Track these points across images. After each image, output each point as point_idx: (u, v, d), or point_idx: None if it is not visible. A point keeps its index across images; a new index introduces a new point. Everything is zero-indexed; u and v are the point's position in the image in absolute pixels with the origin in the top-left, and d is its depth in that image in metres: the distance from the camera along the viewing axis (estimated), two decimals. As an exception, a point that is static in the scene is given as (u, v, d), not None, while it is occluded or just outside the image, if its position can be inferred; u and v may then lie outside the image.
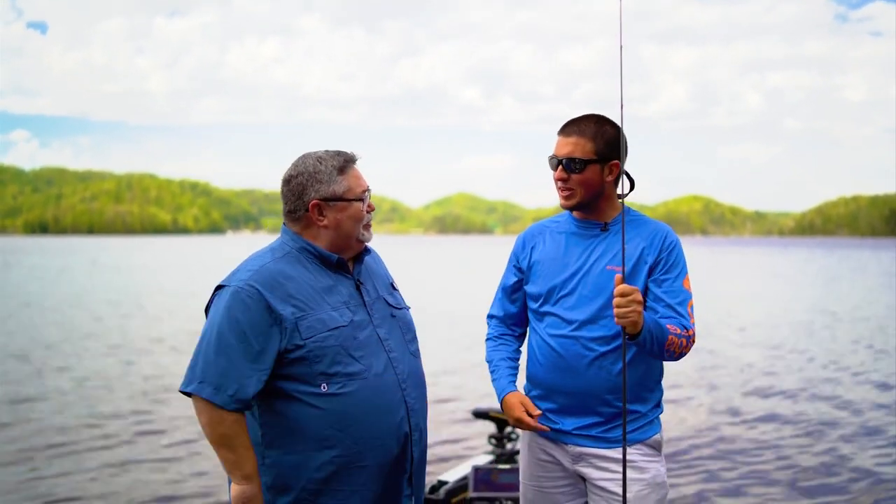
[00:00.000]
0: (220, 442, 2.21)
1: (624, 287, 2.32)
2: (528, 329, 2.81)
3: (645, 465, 2.58)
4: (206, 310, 2.34)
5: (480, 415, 5.11)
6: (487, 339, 2.86)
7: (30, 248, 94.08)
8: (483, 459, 5.01)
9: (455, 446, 6.96)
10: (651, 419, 2.64)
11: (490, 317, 2.88)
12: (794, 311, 21.57)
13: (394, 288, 2.56)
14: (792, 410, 9.16)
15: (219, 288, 2.30)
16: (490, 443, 5.10)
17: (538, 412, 2.58)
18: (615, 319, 2.35)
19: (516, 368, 2.76)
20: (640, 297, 2.33)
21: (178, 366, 11.38)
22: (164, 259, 59.25)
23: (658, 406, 2.68)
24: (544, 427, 2.57)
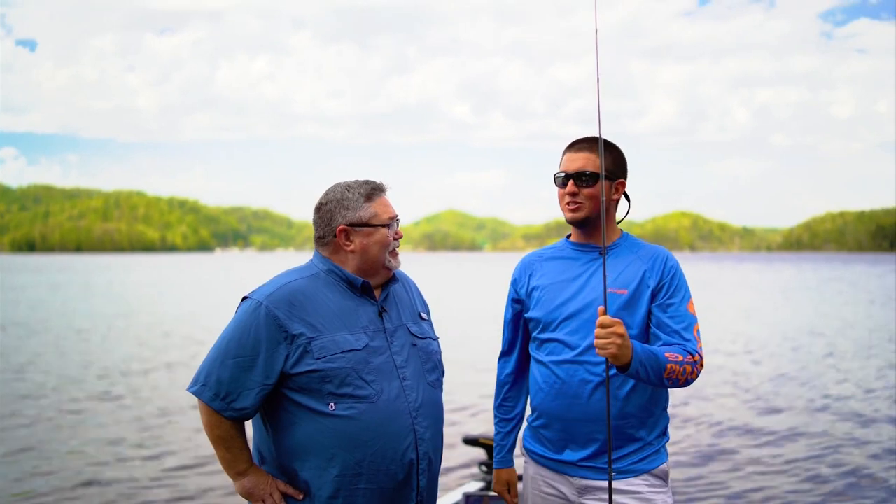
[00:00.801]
0: (217, 442, 2.34)
1: (604, 318, 2.28)
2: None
3: (652, 497, 2.52)
4: None
5: (471, 441, 5.04)
6: (497, 384, 2.86)
7: (17, 266, 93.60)
8: (474, 486, 4.95)
9: (445, 473, 6.86)
10: (657, 448, 2.58)
11: (500, 355, 2.86)
12: (794, 327, 21.53)
13: (422, 318, 2.59)
14: (803, 433, 8.99)
15: (244, 299, 2.38)
16: (481, 470, 5.03)
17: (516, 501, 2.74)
18: (596, 351, 2.31)
19: (517, 434, 2.82)
20: (621, 329, 2.27)
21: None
22: (172, 278, 58.96)
23: (664, 434, 2.62)
24: None
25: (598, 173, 2.55)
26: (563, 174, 2.60)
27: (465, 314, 24.49)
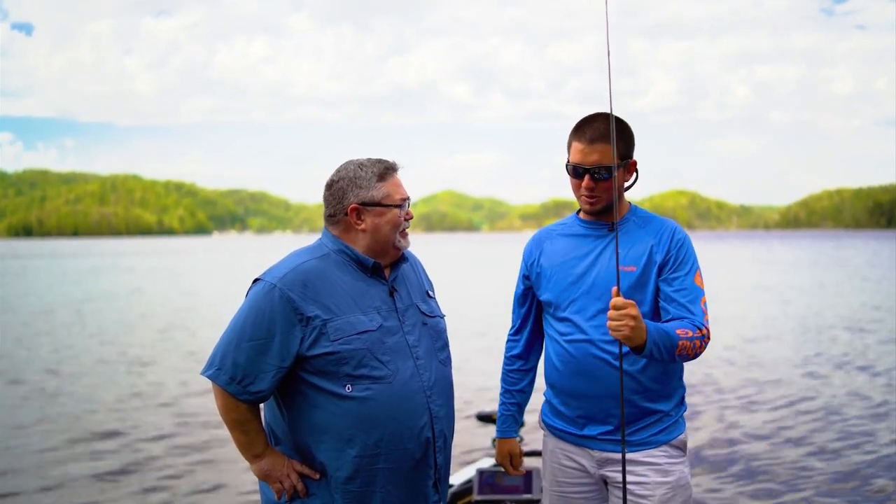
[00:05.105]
0: (233, 425, 2.32)
1: (617, 300, 2.24)
2: (543, 337, 2.76)
3: (669, 468, 2.52)
4: None
5: (484, 418, 5.08)
6: (504, 359, 2.88)
7: (17, 252, 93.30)
8: (487, 462, 4.97)
9: (459, 449, 6.85)
10: (675, 418, 2.57)
11: (510, 332, 2.87)
12: (799, 305, 21.44)
13: (429, 296, 2.58)
14: (814, 406, 8.96)
15: (256, 281, 2.35)
16: (494, 445, 5.07)
17: (519, 471, 2.91)
18: (609, 332, 2.28)
19: (521, 406, 2.87)
20: (634, 310, 2.24)
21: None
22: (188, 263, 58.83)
23: (681, 404, 2.62)
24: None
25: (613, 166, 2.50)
26: (580, 168, 2.52)
27: (470, 293, 24.52)
